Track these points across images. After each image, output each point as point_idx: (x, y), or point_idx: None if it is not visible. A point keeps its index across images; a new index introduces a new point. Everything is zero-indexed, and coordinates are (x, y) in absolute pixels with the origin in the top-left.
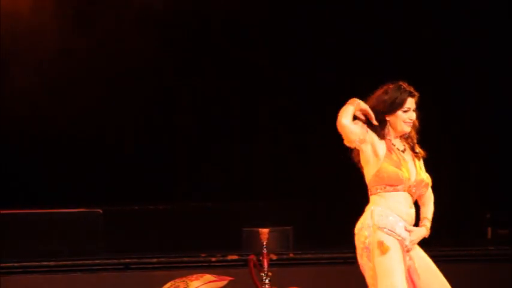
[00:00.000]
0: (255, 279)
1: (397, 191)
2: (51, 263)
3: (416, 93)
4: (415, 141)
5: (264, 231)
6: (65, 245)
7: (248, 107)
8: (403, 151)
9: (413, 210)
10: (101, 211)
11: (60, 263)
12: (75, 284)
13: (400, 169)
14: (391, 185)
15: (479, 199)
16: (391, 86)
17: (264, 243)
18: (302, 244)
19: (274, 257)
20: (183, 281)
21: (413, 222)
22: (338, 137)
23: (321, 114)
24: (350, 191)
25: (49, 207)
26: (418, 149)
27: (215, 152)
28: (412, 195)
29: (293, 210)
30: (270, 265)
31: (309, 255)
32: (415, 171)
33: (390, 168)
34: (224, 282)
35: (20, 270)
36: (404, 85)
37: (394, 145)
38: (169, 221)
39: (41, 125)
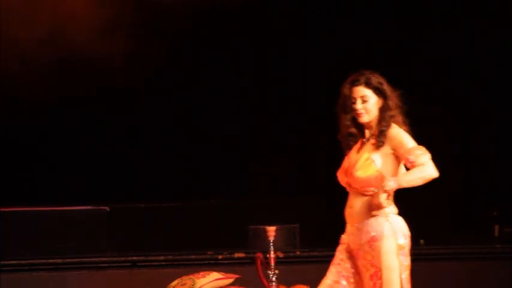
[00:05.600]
0: (261, 277)
1: (348, 191)
2: (58, 261)
3: (358, 80)
4: (380, 127)
5: (271, 229)
6: (72, 242)
7: (254, 106)
8: (364, 143)
9: (352, 210)
10: (107, 209)
11: (67, 260)
12: (82, 281)
13: (339, 171)
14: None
15: (486, 197)
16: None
17: (271, 241)
18: (309, 242)
19: (281, 255)
20: (190, 279)
21: (353, 220)
22: None
23: (331, 112)
24: None
25: (56, 204)
26: (380, 138)
27: (222, 150)
28: (357, 192)
29: (300, 208)
30: (276, 263)
31: (315, 253)
32: (351, 165)
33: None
34: (231, 280)
35: (27, 267)
36: (351, 78)
37: (359, 141)
38: (176, 218)
39: (49, 123)
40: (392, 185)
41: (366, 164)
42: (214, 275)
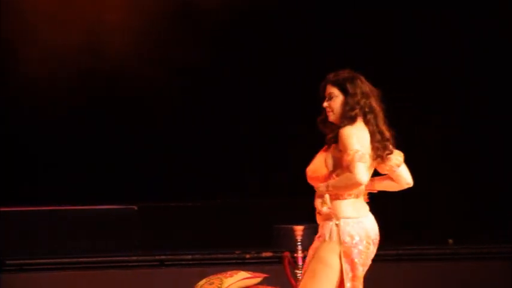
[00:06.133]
0: (289, 276)
1: None
2: (86, 260)
3: (328, 78)
4: (337, 125)
5: (299, 229)
6: (100, 241)
7: (276, 106)
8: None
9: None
10: (135, 208)
11: (95, 259)
12: (110, 280)
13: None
14: None
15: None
16: None
17: (298, 240)
18: None
19: None
20: (218, 278)
21: (316, 219)
22: None
23: None
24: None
25: (84, 203)
26: (333, 136)
27: (249, 150)
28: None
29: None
30: (304, 262)
31: None
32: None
33: None
34: (258, 279)
35: (55, 266)
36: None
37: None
38: (204, 217)
39: (75, 122)
40: (322, 189)
41: (318, 163)
42: (242, 274)
